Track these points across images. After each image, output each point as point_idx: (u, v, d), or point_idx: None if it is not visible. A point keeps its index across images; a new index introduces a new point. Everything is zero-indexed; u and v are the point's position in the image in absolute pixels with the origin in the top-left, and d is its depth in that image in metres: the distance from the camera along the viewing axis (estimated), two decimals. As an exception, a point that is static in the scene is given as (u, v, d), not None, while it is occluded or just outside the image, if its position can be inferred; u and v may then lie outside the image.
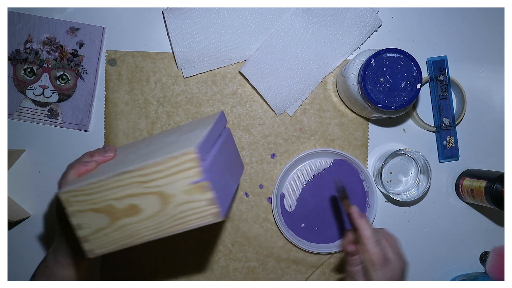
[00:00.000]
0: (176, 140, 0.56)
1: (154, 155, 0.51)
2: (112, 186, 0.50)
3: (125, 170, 0.49)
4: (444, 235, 0.80)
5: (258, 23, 0.75)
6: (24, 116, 0.77)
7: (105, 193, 0.50)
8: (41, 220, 0.78)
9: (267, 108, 0.78)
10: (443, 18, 0.79)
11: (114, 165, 0.55)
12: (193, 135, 0.55)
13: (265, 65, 0.75)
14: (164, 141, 0.58)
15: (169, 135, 0.63)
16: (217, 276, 0.78)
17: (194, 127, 0.61)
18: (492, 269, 0.75)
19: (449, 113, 0.78)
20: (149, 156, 0.52)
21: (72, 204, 0.51)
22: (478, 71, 0.80)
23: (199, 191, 0.49)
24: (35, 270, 0.63)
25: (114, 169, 0.52)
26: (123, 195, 0.50)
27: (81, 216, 0.51)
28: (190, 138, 0.54)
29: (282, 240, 0.79)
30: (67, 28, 0.76)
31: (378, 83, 0.66)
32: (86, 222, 0.51)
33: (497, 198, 0.69)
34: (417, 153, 0.75)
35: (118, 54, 0.77)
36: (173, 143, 0.55)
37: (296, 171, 0.78)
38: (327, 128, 0.78)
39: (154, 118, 0.77)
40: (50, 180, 0.78)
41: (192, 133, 0.57)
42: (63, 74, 0.77)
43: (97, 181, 0.50)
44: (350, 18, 0.75)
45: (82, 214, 0.51)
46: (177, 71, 0.77)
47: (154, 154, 0.52)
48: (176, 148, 0.50)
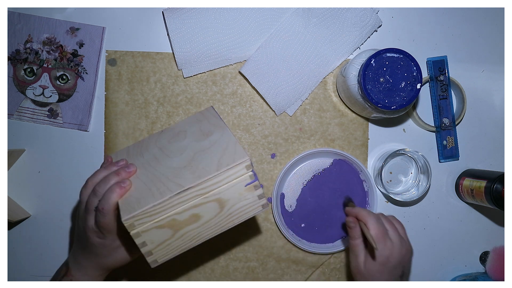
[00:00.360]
0: (206, 147, 0.60)
1: (206, 167, 0.55)
2: (174, 203, 0.53)
3: (186, 187, 0.53)
4: (444, 235, 0.80)
5: (258, 23, 0.75)
6: (24, 116, 0.77)
7: (168, 211, 0.53)
8: (41, 220, 0.78)
9: (267, 108, 0.78)
10: (443, 18, 0.79)
11: (152, 180, 0.57)
12: (222, 140, 0.59)
13: (265, 65, 0.75)
14: (192, 147, 0.61)
15: (179, 138, 0.65)
16: (217, 276, 0.78)
17: (204, 128, 0.65)
18: (492, 269, 0.75)
19: (449, 113, 0.78)
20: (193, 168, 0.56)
21: (136, 227, 0.53)
22: (478, 71, 0.80)
23: (251, 190, 0.56)
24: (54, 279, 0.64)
25: (159, 184, 0.55)
26: (184, 209, 0.54)
27: (145, 235, 0.53)
28: (220, 143, 0.59)
29: (282, 240, 0.79)
30: (67, 28, 0.76)
31: (378, 83, 0.66)
32: (149, 238, 0.54)
33: (497, 198, 0.69)
34: (417, 153, 0.75)
35: (118, 54, 0.77)
36: (206, 150, 0.59)
37: (296, 171, 0.78)
38: (327, 128, 0.78)
39: (154, 118, 0.77)
40: (50, 180, 0.78)
41: (213, 136, 0.61)
42: (63, 74, 0.77)
43: (159, 202, 0.52)
44: (350, 18, 0.75)
45: (145, 233, 0.53)
46: (177, 71, 0.77)
47: (202, 165, 0.56)
48: (226, 157, 0.55)
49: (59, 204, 0.78)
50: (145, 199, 0.53)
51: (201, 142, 0.61)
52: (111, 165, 0.61)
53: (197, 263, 0.78)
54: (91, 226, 0.58)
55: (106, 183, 0.57)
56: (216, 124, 0.64)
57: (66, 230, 0.78)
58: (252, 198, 0.56)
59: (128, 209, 0.53)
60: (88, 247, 0.60)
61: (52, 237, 0.78)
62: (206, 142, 0.61)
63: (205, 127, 0.65)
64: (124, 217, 0.51)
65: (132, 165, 0.60)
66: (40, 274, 0.78)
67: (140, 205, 0.52)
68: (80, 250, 0.62)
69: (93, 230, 0.58)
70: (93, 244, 0.59)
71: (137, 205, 0.53)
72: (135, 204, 0.53)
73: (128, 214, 0.52)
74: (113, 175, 0.58)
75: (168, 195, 0.52)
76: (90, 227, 0.58)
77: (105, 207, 0.55)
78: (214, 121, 0.66)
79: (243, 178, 0.55)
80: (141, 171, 0.60)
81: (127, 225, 0.52)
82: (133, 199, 0.54)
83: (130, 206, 0.53)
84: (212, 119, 0.67)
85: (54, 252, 0.78)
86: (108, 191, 0.56)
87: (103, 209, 0.55)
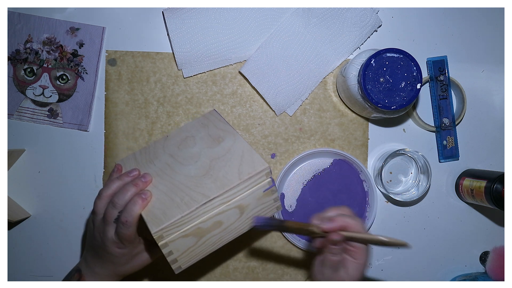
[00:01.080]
0: (221, 154, 0.61)
1: (227, 176, 0.57)
2: (200, 213, 0.55)
3: (211, 197, 0.55)
4: (444, 235, 0.80)
5: (258, 23, 0.75)
6: (24, 116, 0.77)
7: (194, 220, 0.55)
8: (41, 220, 0.78)
9: (267, 108, 0.78)
10: (443, 18, 0.79)
11: (172, 189, 0.58)
12: (237, 147, 0.61)
13: (265, 65, 0.75)
14: (206, 154, 0.62)
15: (189, 144, 0.66)
16: (217, 276, 0.78)
17: (212, 133, 0.66)
18: (492, 269, 0.75)
19: (449, 113, 0.78)
20: (214, 177, 0.57)
21: (164, 238, 0.54)
22: (478, 71, 0.80)
23: (269, 195, 0.59)
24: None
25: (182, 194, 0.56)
26: (209, 217, 0.56)
27: (171, 244, 0.55)
28: (235, 150, 0.61)
29: (282, 240, 0.79)
30: (67, 28, 0.76)
31: (378, 83, 0.66)
32: (175, 247, 0.55)
33: (497, 198, 0.69)
34: (417, 153, 0.75)
35: (118, 54, 0.77)
36: (222, 157, 0.60)
37: (296, 171, 0.78)
38: (327, 128, 0.78)
39: (154, 118, 0.77)
40: (50, 180, 0.78)
41: (225, 143, 0.62)
42: (63, 74, 0.77)
43: (187, 214, 0.54)
44: (350, 18, 0.75)
45: (172, 243, 0.55)
46: (177, 71, 0.77)
47: (222, 173, 0.57)
48: (245, 165, 0.57)
49: (59, 204, 0.78)
50: (170, 210, 0.54)
51: (214, 149, 0.62)
52: (124, 176, 0.61)
53: (197, 263, 0.78)
54: (111, 237, 0.58)
55: (124, 194, 0.57)
56: (224, 129, 0.66)
57: (66, 230, 0.78)
58: (269, 201, 0.59)
59: (155, 222, 0.54)
60: (106, 257, 0.60)
61: (52, 237, 0.78)
62: (219, 149, 0.62)
63: (213, 132, 0.66)
64: (154, 230, 0.53)
65: (147, 175, 0.60)
66: (40, 274, 0.78)
67: (167, 217, 0.54)
68: (95, 259, 0.62)
69: (113, 241, 0.58)
70: (112, 254, 0.59)
71: (164, 217, 0.54)
72: (161, 216, 0.54)
73: (157, 227, 0.53)
74: (130, 185, 0.58)
75: (195, 206, 0.54)
76: (110, 238, 0.58)
77: (128, 219, 0.55)
78: (221, 126, 0.67)
79: (262, 185, 0.57)
80: (157, 180, 0.60)
81: (156, 237, 0.53)
82: (157, 210, 0.55)
83: (157, 218, 0.54)
84: (218, 124, 0.67)
85: (54, 252, 0.78)
86: (131, 203, 0.56)
87: (127, 221, 0.55)
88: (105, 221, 0.58)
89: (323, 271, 0.59)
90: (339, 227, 0.56)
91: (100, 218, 0.59)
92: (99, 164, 0.78)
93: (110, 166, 0.77)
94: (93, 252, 0.62)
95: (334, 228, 0.56)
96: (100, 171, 0.78)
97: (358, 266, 0.57)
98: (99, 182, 0.78)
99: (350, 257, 0.57)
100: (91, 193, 0.78)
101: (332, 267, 0.58)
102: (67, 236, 0.78)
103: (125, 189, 0.58)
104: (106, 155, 0.77)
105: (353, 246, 0.56)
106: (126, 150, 0.77)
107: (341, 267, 0.57)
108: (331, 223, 0.56)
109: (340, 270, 0.57)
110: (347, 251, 0.57)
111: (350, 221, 0.56)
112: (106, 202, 0.59)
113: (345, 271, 0.57)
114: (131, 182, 0.59)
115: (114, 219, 0.57)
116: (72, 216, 0.78)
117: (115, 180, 0.60)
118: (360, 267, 0.57)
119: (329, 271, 0.58)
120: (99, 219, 0.59)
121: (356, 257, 0.56)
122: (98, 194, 0.60)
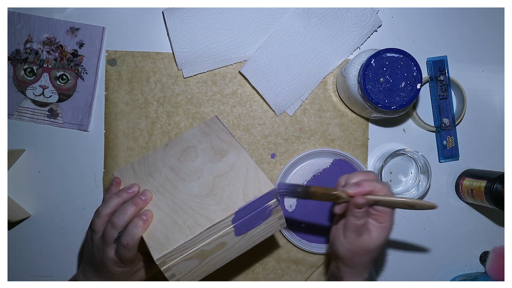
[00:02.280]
0: (224, 171, 0.59)
1: (232, 197, 0.55)
2: (203, 237, 0.53)
3: (216, 221, 0.53)
4: (444, 235, 0.80)
5: (258, 23, 0.75)
6: (24, 116, 0.77)
7: (197, 244, 0.53)
8: (41, 220, 0.78)
9: (267, 108, 0.78)
10: (443, 18, 0.79)
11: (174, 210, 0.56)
12: (240, 164, 0.59)
13: (265, 65, 0.75)
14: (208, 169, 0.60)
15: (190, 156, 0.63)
16: (217, 276, 0.78)
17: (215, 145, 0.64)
18: (492, 269, 0.75)
19: (449, 113, 0.78)
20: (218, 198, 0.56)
21: (167, 263, 0.53)
22: (478, 71, 0.80)
23: (274, 214, 0.57)
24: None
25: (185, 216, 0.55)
26: (212, 240, 0.54)
27: (174, 268, 0.54)
28: (239, 167, 0.58)
29: (282, 240, 0.79)
30: (67, 28, 0.76)
31: (378, 83, 0.66)
32: (178, 270, 0.54)
33: (497, 198, 0.69)
34: (417, 153, 0.75)
35: (118, 54, 0.77)
36: (225, 175, 0.58)
37: (296, 171, 0.78)
38: (327, 128, 0.78)
39: (154, 118, 0.77)
40: (50, 180, 0.78)
41: (229, 158, 0.60)
42: (63, 74, 0.77)
43: (191, 239, 0.52)
44: (350, 18, 0.75)
45: (175, 266, 0.53)
46: (177, 71, 0.77)
47: (226, 194, 0.56)
48: (250, 186, 0.56)
49: (59, 204, 0.78)
50: (173, 234, 0.53)
51: (217, 164, 0.60)
52: (123, 192, 0.59)
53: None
54: (111, 257, 0.57)
55: (124, 215, 0.55)
56: (228, 142, 0.63)
57: (66, 230, 0.78)
58: (273, 220, 0.58)
59: (158, 247, 0.52)
60: (106, 274, 0.59)
61: (52, 237, 0.78)
62: (223, 164, 0.60)
63: (216, 144, 0.64)
64: (156, 256, 0.51)
65: (147, 192, 0.58)
66: (40, 274, 0.78)
67: (170, 242, 0.52)
68: (94, 274, 0.61)
69: (113, 260, 0.57)
70: (112, 272, 0.58)
71: (167, 242, 0.52)
72: (164, 240, 0.53)
73: (160, 253, 0.52)
74: (130, 205, 0.56)
75: (199, 231, 0.52)
76: (110, 258, 0.57)
77: (130, 242, 0.54)
78: (224, 137, 0.64)
79: (268, 205, 0.56)
80: (157, 197, 0.58)
81: (159, 263, 0.52)
82: (159, 233, 0.54)
83: (159, 243, 0.53)
84: (221, 134, 0.65)
85: (54, 252, 0.78)
86: (131, 226, 0.54)
87: (128, 244, 0.54)
88: (104, 241, 0.56)
89: (346, 234, 0.58)
90: (366, 191, 0.55)
91: (99, 237, 0.58)
92: (99, 164, 0.78)
93: (110, 166, 0.77)
94: (92, 267, 0.61)
95: (362, 193, 0.55)
96: (100, 171, 0.78)
97: (383, 229, 0.57)
98: (99, 182, 0.78)
99: (374, 220, 0.57)
100: (91, 193, 0.78)
101: (355, 231, 0.57)
102: (67, 236, 0.78)
103: (124, 208, 0.56)
104: (106, 155, 0.77)
105: (378, 210, 0.56)
106: (126, 150, 0.77)
107: (364, 231, 0.57)
108: (358, 187, 0.55)
109: (364, 234, 0.57)
110: (371, 215, 0.57)
111: (378, 185, 0.56)
112: (105, 221, 0.57)
113: (368, 235, 0.57)
114: (130, 201, 0.57)
115: (114, 240, 0.56)
116: (72, 216, 0.78)
117: (113, 197, 0.58)
118: (385, 230, 0.57)
119: (352, 235, 0.58)
120: (98, 237, 0.58)
121: (381, 221, 0.56)
122: (97, 212, 0.58)
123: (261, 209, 0.55)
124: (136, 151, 0.77)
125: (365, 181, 0.56)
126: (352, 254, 0.59)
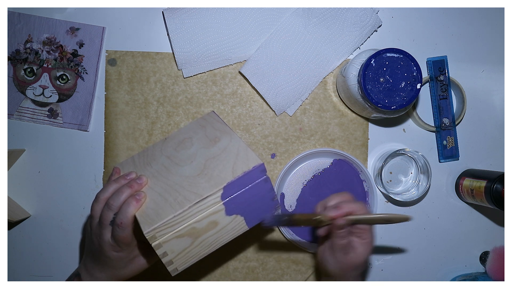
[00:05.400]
0: (217, 154, 0.60)
1: (221, 174, 0.55)
2: (193, 212, 0.54)
3: (204, 196, 0.53)
4: (444, 235, 0.80)
5: (258, 23, 0.75)
6: (24, 116, 0.77)
7: (187, 220, 0.54)
8: (41, 220, 0.78)
9: (267, 108, 0.78)
10: (443, 18, 0.79)
11: (166, 190, 0.57)
12: (232, 146, 0.60)
13: (265, 65, 0.75)
14: (202, 154, 0.61)
15: (186, 145, 0.65)
16: (217, 276, 0.78)
17: (209, 134, 0.65)
18: (492, 269, 0.75)
19: (449, 113, 0.78)
20: (208, 176, 0.56)
21: (157, 238, 0.53)
22: (478, 71, 0.80)
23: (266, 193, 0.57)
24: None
25: (175, 194, 0.55)
26: (203, 217, 0.54)
27: (166, 245, 0.54)
28: (231, 149, 0.59)
29: (282, 240, 0.78)
30: (67, 28, 0.76)
31: (378, 83, 0.66)
32: (170, 248, 0.54)
33: (497, 198, 0.69)
34: (417, 153, 0.75)
35: (118, 54, 0.77)
36: (217, 157, 0.59)
37: (296, 171, 0.78)
38: (327, 128, 0.78)
39: (154, 118, 0.77)
40: (50, 180, 0.78)
41: (222, 143, 0.61)
42: (63, 74, 0.77)
43: (179, 213, 0.53)
44: (350, 18, 0.75)
45: (166, 243, 0.54)
46: (177, 71, 0.77)
47: (216, 172, 0.56)
48: (239, 163, 0.56)
49: (59, 204, 0.78)
50: (163, 210, 0.54)
51: (210, 149, 0.62)
52: (121, 178, 0.61)
53: (197, 263, 0.78)
54: (108, 240, 0.58)
55: (119, 196, 0.57)
56: (221, 130, 0.65)
57: (66, 230, 0.78)
58: (266, 199, 0.58)
59: (148, 222, 0.53)
60: (104, 260, 0.60)
61: (52, 237, 0.78)
62: (216, 148, 0.61)
63: (210, 133, 0.65)
64: (146, 230, 0.52)
65: (142, 176, 0.60)
66: (40, 274, 0.78)
67: (160, 216, 0.53)
68: (94, 263, 0.62)
69: (110, 244, 0.58)
70: (109, 257, 0.59)
71: (157, 217, 0.53)
72: (154, 216, 0.53)
73: (149, 226, 0.52)
74: (125, 187, 0.58)
75: (187, 205, 0.53)
76: (106, 241, 0.58)
77: (123, 221, 0.55)
78: (218, 126, 0.66)
79: (258, 182, 0.56)
80: (152, 181, 0.60)
81: (148, 237, 0.52)
82: (151, 210, 0.55)
83: (149, 218, 0.53)
84: (216, 124, 0.67)
85: (54, 252, 0.78)
86: (125, 205, 0.56)
87: (122, 223, 0.55)
88: (101, 224, 0.58)
89: (334, 254, 0.62)
90: (345, 213, 0.59)
91: (97, 222, 0.59)
92: (99, 164, 0.78)
93: (110, 166, 0.77)
94: (91, 257, 0.62)
95: (341, 215, 0.59)
96: (100, 171, 0.78)
97: (367, 245, 0.61)
98: (99, 182, 0.78)
99: (357, 238, 0.61)
100: (91, 193, 0.78)
101: (342, 250, 0.61)
102: (67, 236, 0.78)
103: (120, 191, 0.58)
104: (106, 155, 0.77)
105: (359, 228, 0.60)
106: (126, 150, 0.77)
107: (350, 248, 0.61)
108: (337, 210, 0.59)
109: (350, 252, 0.61)
110: (353, 233, 0.61)
111: (354, 206, 0.60)
112: (103, 205, 0.59)
113: (354, 252, 0.61)
114: (126, 184, 0.59)
115: (110, 222, 0.57)
116: (72, 216, 0.78)
117: (112, 183, 0.60)
118: (369, 245, 0.61)
119: (340, 254, 0.61)
120: (96, 222, 0.59)
121: (364, 237, 0.60)
122: (96, 197, 0.60)
123: (251, 186, 0.56)
124: (136, 151, 0.77)
125: (342, 203, 0.60)
126: (342, 271, 0.62)
